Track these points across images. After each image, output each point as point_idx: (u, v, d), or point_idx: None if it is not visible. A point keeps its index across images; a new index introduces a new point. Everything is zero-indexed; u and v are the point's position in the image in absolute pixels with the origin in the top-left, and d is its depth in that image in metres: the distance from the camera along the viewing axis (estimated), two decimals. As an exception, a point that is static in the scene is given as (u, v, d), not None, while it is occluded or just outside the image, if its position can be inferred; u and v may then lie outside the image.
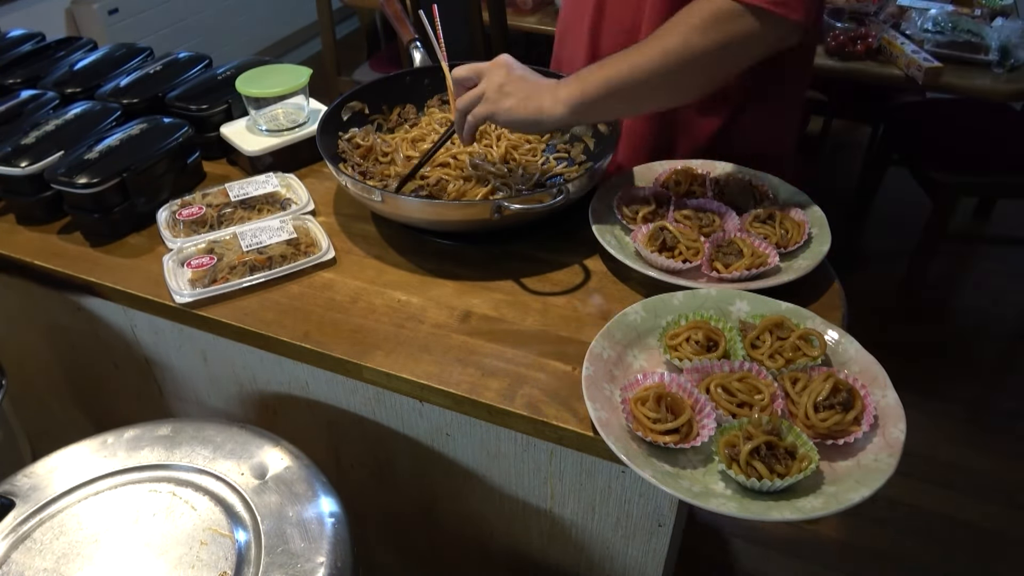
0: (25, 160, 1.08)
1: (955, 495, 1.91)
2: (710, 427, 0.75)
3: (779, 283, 0.91)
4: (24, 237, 1.11)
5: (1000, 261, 2.64)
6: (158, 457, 0.86)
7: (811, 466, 0.71)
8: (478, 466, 0.98)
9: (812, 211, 1.02)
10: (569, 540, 1.00)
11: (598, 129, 1.17)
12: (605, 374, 0.82)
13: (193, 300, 0.96)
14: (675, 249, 0.95)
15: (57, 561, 0.76)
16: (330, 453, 1.11)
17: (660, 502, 0.87)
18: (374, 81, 1.23)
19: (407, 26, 1.29)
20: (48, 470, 0.85)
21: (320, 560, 0.75)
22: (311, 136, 1.20)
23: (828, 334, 0.85)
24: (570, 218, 1.06)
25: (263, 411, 1.11)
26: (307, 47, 4.18)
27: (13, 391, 1.12)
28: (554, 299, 0.97)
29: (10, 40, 1.45)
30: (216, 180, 1.22)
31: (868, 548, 1.80)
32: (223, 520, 0.79)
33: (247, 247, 1.01)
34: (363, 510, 1.16)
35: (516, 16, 2.35)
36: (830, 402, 0.76)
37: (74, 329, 1.18)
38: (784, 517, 0.69)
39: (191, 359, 1.11)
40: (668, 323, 0.87)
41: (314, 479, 0.84)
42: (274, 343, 0.93)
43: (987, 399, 2.17)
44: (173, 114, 1.22)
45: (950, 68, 1.94)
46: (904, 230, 2.71)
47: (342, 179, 1.01)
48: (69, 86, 1.29)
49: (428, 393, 0.87)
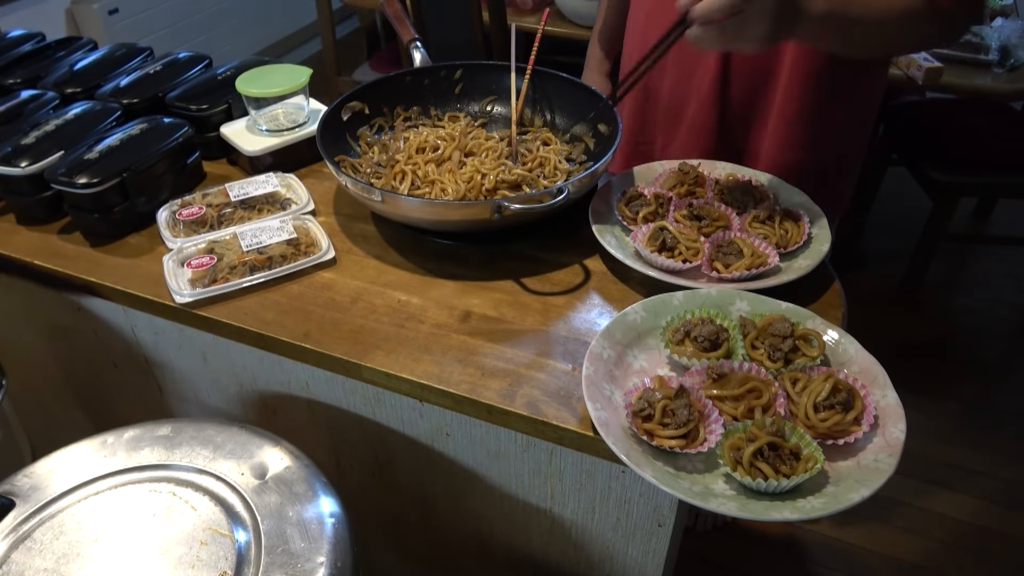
0: (25, 160, 1.08)
1: (955, 495, 1.91)
2: (717, 432, 0.75)
3: (779, 283, 0.91)
4: (24, 237, 1.11)
5: (1000, 261, 2.64)
6: (158, 457, 0.86)
7: (816, 466, 0.71)
8: (478, 466, 0.98)
9: (812, 211, 1.02)
10: (569, 540, 1.00)
11: (598, 129, 1.17)
12: (605, 374, 0.82)
13: (193, 300, 0.96)
14: (675, 249, 0.95)
15: (57, 561, 0.76)
16: (330, 453, 1.11)
17: (660, 502, 0.87)
18: (374, 81, 1.23)
19: (407, 26, 1.29)
20: (48, 470, 0.85)
21: (320, 560, 0.75)
22: (311, 136, 1.20)
23: (828, 334, 0.85)
24: (570, 218, 1.06)
25: (263, 411, 1.11)
26: (307, 47, 4.18)
27: (13, 391, 1.12)
28: (554, 299, 0.97)
29: (10, 40, 1.45)
30: (216, 180, 1.22)
31: (868, 548, 1.80)
32: (223, 520, 0.79)
33: (247, 247, 1.01)
34: (363, 510, 1.16)
35: (516, 16, 2.35)
36: (830, 402, 0.76)
37: (74, 329, 1.18)
38: (784, 517, 0.69)
39: (191, 359, 1.11)
40: (668, 322, 0.87)
41: (314, 479, 0.84)
42: (274, 343, 0.93)
43: (987, 399, 2.17)
44: (173, 114, 1.22)
45: (950, 68, 1.94)
46: (904, 230, 2.71)
47: (342, 179, 1.01)
48: (69, 86, 1.29)
49: (428, 393, 0.87)
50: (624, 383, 0.83)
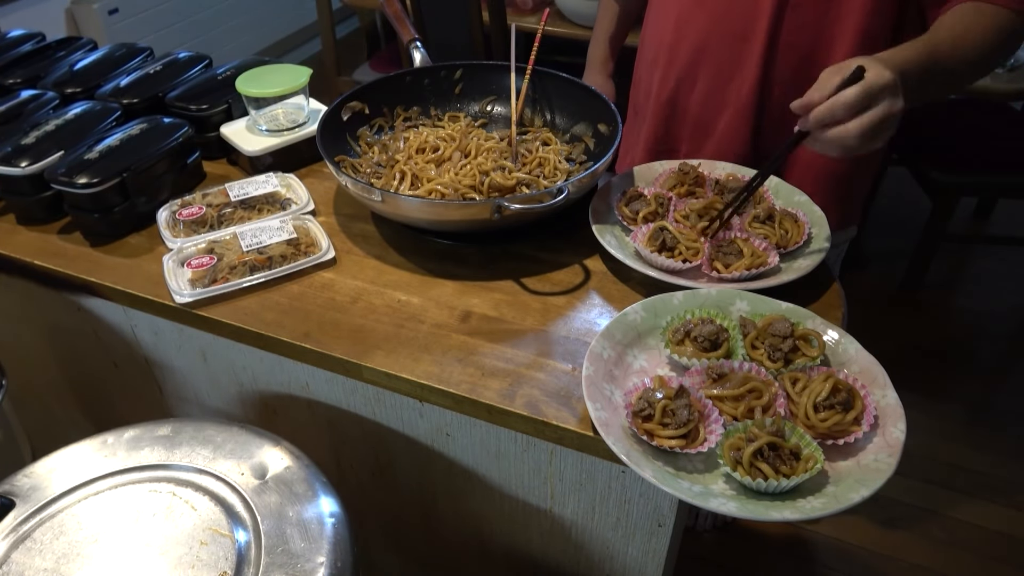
0: (25, 160, 1.08)
1: (955, 495, 1.91)
2: (718, 432, 0.75)
3: (779, 283, 0.91)
4: (24, 237, 1.11)
5: (1000, 261, 2.64)
6: (158, 457, 0.86)
7: (816, 466, 0.71)
8: (478, 466, 0.98)
9: (812, 211, 1.02)
10: (569, 540, 1.00)
11: (598, 129, 1.17)
12: (605, 374, 0.82)
13: (193, 300, 0.96)
14: (675, 249, 0.95)
15: (57, 561, 0.76)
16: (330, 453, 1.11)
17: (660, 502, 0.87)
18: (374, 81, 1.23)
19: (407, 26, 1.29)
20: (48, 470, 0.85)
21: (320, 560, 0.75)
22: (311, 136, 1.20)
23: (828, 334, 0.85)
24: (570, 218, 1.06)
25: (263, 411, 1.11)
26: (307, 47, 4.18)
27: (13, 391, 1.12)
28: (554, 299, 0.97)
29: (10, 40, 1.45)
30: (216, 180, 1.22)
31: (868, 548, 1.80)
32: (223, 520, 0.79)
33: (247, 247, 1.01)
34: (363, 510, 1.16)
35: (516, 16, 2.35)
36: (830, 402, 0.76)
37: (74, 329, 1.18)
38: (784, 517, 0.69)
39: (191, 359, 1.11)
40: (668, 322, 0.87)
41: (314, 479, 0.84)
42: (274, 343, 0.93)
43: (987, 399, 2.17)
44: (173, 114, 1.22)
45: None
46: (904, 230, 2.71)
47: (342, 179, 1.01)
48: (69, 86, 1.29)
49: (428, 393, 0.87)
50: (624, 383, 0.83)
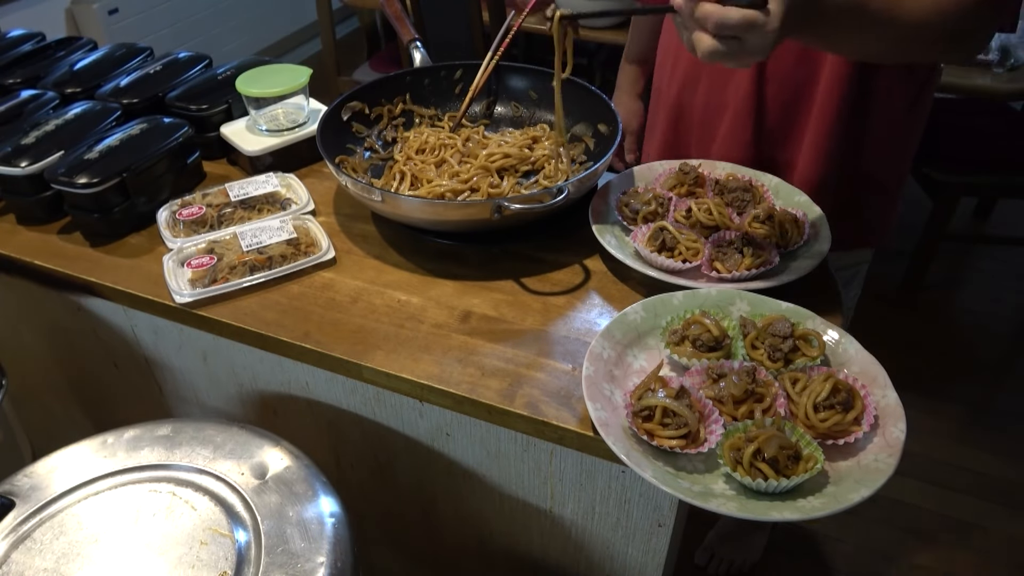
0: (25, 160, 1.08)
1: (955, 495, 1.91)
2: (718, 433, 0.75)
3: (779, 283, 0.91)
4: (24, 237, 1.11)
5: (1000, 261, 2.64)
6: (158, 457, 0.86)
7: (817, 466, 0.71)
8: (478, 466, 0.98)
9: (812, 211, 1.02)
10: (569, 540, 1.00)
11: (598, 129, 1.17)
12: (605, 374, 0.82)
13: (193, 300, 0.96)
14: (675, 249, 0.95)
15: (57, 561, 0.76)
16: (330, 453, 1.11)
17: (660, 502, 0.87)
18: (374, 81, 1.23)
19: (407, 26, 1.30)
20: (48, 470, 0.85)
21: (320, 560, 0.75)
22: (311, 136, 1.20)
23: (828, 334, 0.85)
24: (570, 218, 1.06)
25: (263, 411, 1.11)
26: (307, 47, 4.18)
27: (13, 391, 1.12)
28: (554, 299, 0.97)
29: (10, 40, 1.45)
30: (216, 180, 1.22)
31: (868, 548, 1.80)
32: (223, 520, 0.79)
33: (247, 247, 1.01)
34: (363, 510, 1.16)
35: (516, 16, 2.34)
36: (830, 402, 0.76)
37: (74, 329, 1.18)
38: (784, 517, 0.69)
39: (191, 359, 1.11)
40: (668, 322, 0.87)
41: (314, 479, 0.84)
42: (274, 343, 0.93)
43: (987, 399, 2.17)
44: (173, 114, 1.22)
45: (950, 68, 1.94)
46: (904, 230, 2.71)
47: (342, 179, 1.01)
48: (69, 86, 1.29)
49: (428, 393, 0.87)
50: (624, 383, 0.83)
